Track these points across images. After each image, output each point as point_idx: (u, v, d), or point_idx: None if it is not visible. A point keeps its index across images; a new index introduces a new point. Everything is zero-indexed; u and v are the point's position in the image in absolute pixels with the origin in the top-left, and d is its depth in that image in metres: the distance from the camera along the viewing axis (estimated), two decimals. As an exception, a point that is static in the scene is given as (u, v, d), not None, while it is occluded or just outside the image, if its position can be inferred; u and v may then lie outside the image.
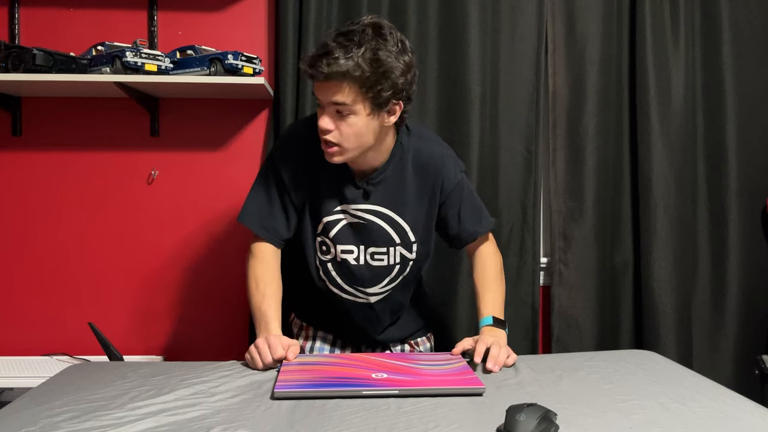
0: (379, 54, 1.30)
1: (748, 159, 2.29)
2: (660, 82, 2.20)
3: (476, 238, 1.59)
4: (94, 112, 2.22)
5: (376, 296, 1.58)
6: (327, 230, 1.52)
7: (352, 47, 1.29)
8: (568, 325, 2.23)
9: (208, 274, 2.26)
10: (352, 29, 1.32)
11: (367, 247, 1.52)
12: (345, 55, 1.29)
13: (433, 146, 1.54)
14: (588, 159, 2.21)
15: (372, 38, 1.31)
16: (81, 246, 2.24)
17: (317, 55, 1.31)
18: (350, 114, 1.34)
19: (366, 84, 1.31)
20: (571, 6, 2.22)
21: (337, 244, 1.52)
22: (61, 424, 1.03)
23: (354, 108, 1.33)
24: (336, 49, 1.29)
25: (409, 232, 1.52)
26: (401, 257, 1.54)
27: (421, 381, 1.21)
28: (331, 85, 1.31)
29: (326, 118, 1.36)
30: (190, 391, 1.20)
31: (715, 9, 2.26)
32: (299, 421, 1.04)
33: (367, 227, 1.51)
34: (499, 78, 2.22)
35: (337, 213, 1.50)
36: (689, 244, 2.27)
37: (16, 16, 2.17)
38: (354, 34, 1.31)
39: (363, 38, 1.30)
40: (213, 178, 2.25)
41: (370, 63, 1.30)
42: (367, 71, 1.30)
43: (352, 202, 1.49)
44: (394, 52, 1.32)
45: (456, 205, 1.55)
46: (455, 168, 1.55)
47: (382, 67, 1.31)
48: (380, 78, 1.31)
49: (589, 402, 1.12)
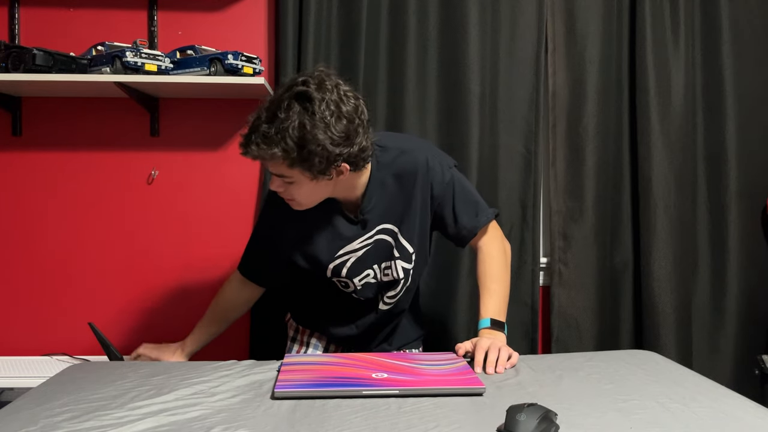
0: (305, 132, 1.25)
1: (748, 159, 2.29)
2: (660, 82, 2.20)
3: (476, 233, 1.56)
4: (94, 112, 2.22)
5: (386, 305, 1.59)
6: (338, 272, 1.52)
7: (277, 126, 1.26)
8: (567, 325, 2.23)
9: (208, 274, 2.26)
10: (282, 101, 1.27)
11: (379, 264, 1.53)
12: (267, 138, 1.26)
13: (414, 155, 1.48)
14: (588, 159, 2.21)
15: (298, 113, 1.26)
16: (81, 246, 2.24)
17: (247, 134, 1.31)
18: (293, 182, 1.34)
19: (295, 162, 1.28)
20: (571, 6, 2.22)
21: (353, 278, 1.53)
22: (61, 424, 1.03)
23: (294, 178, 1.33)
24: (263, 126, 1.27)
25: (406, 244, 1.52)
26: (403, 270, 1.54)
27: (421, 381, 1.21)
28: (265, 161, 1.32)
29: (276, 182, 1.37)
30: (190, 390, 1.20)
31: (715, 9, 2.26)
32: (299, 421, 1.04)
33: (373, 247, 1.51)
34: (498, 78, 2.22)
35: (340, 257, 1.50)
36: (689, 244, 2.27)
37: (16, 16, 2.17)
38: (280, 108, 1.27)
39: (288, 115, 1.26)
40: (213, 178, 2.25)
41: (297, 142, 1.25)
42: (293, 151, 1.26)
43: (352, 239, 1.49)
44: (322, 126, 1.26)
45: (449, 204, 1.53)
46: (441, 168, 1.51)
47: (308, 145, 1.26)
48: (310, 155, 1.27)
49: (590, 402, 1.12)
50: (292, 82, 1.31)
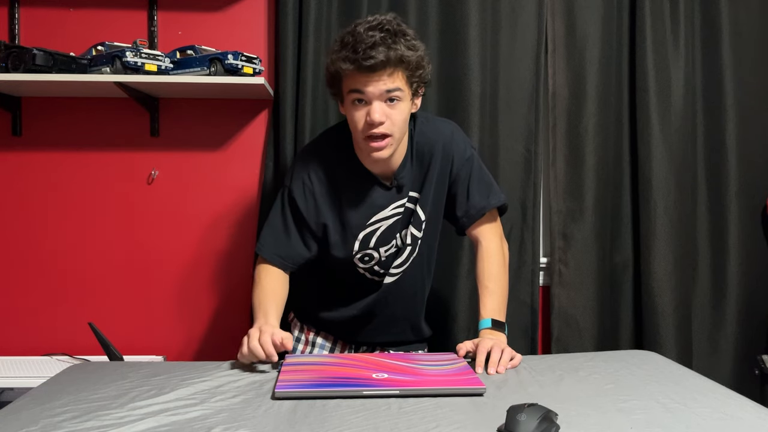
0: (414, 43, 1.39)
1: (748, 159, 2.29)
2: (660, 82, 2.20)
3: (485, 213, 1.58)
4: (94, 112, 2.22)
5: (391, 277, 1.58)
6: (366, 243, 1.53)
7: (394, 38, 1.35)
8: (567, 325, 2.23)
9: (208, 274, 2.26)
10: (380, 23, 1.36)
11: (401, 231, 1.55)
12: (395, 42, 1.34)
13: (438, 125, 1.57)
14: (588, 159, 2.21)
15: (401, 30, 1.38)
16: (81, 246, 2.24)
17: (367, 46, 1.33)
18: (399, 100, 1.39)
19: (413, 69, 1.39)
20: (571, 6, 2.22)
21: (380, 248, 1.54)
22: (61, 423, 1.03)
23: (402, 96, 1.39)
24: (386, 37, 1.34)
25: (420, 211, 1.54)
26: (411, 237, 1.55)
27: (421, 381, 1.21)
28: (384, 74, 1.35)
29: (379, 109, 1.37)
30: (190, 390, 1.20)
31: (715, 9, 2.26)
32: (300, 421, 1.04)
33: (403, 216, 1.53)
34: (499, 78, 2.22)
35: (372, 224, 1.52)
36: (689, 244, 2.27)
37: (16, 16, 2.17)
38: (383, 27, 1.35)
39: (397, 30, 1.37)
40: (213, 178, 2.25)
41: (411, 50, 1.37)
42: (413, 58, 1.37)
43: (386, 206, 1.51)
44: (417, 42, 1.41)
45: (465, 180, 1.56)
46: (464, 143, 1.57)
47: (419, 54, 1.40)
48: (420, 63, 1.40)
49: (590, 402, 1.12)
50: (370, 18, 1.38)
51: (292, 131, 2.12)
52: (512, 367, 1.36)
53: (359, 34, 1.34)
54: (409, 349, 1.70)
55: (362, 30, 1.34)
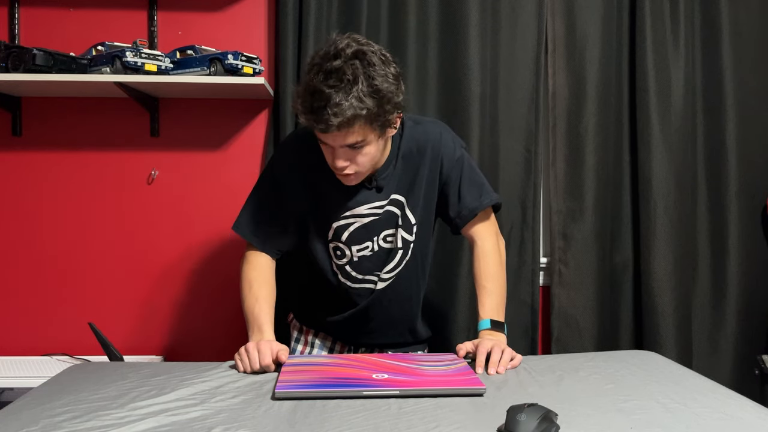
0: (376, 83, 1.29)
1: (748, 159, 2.29)
2: (660, 82, 2.20)
3: (477, 214, 1.56)
4: (94, 112, 2.22)
5: (383, 282, 1.57)
6: (338, 235, 1.52)
7: (349, 87, 1.27)
8: (567, 325, 2.23)
9: (208, 274, 2.26)
10: (338, 66, 1.27)
11: (379, 235, 1.53)
12: (347, 99, 1.26)
13: (428, 127, 1.55)
14: (588, 159, 2.21)
15: (362, 68, 1.28)
16: (81, 246, 2.24)
17: (318, 107, 1.27)
18: (364, 146, 1.35)
19: (373, 118, 1.31)
20: (571, 6, 2.22)
21: (352, 246, 1.53)
22: (62, 424, 1.03)
23: (367, 141, 1.34)
24: (334, 95, 1.26)
25: (410, 215, 1.53)
26: (402, 240, 1.54)
27: (421, 381, 1.21)
28: (339, 134, 1.31)
29: (340, 158, 1.36)
30: (191, 391, 1.20)
31: (715, 9, 2.26)
32: (300, 421, 1.04)
33: (381, 218, 1.51)
34: (499, 78, 2.22)
35: (346, 218, 1.51)
36: (689, 244, 2.27)
37: (16, 16, 2.17)
38: (343, 71, 1.27)
39: (355, 72, 1.27)
40: (213, 178, 2.25)
41: (371, 96, 1.28)
42: (372, 106, 1.29)
43: (364, 203, 1.50)
44: (383, 73, 1.30)
45: (456, 182, 1.55)
46: (454, 144, 1.55)
47: (382, 96, 1.30)
48: (383, 105, 1.31)
49: (590, 402, 1.12)
50: (334, 50, 1.29)
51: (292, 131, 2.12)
52: (512, 367, 1.36)
53: (315, 88, 1.27)
54: (408, 350, 1.70)
55: (318, 82, 1.27)
